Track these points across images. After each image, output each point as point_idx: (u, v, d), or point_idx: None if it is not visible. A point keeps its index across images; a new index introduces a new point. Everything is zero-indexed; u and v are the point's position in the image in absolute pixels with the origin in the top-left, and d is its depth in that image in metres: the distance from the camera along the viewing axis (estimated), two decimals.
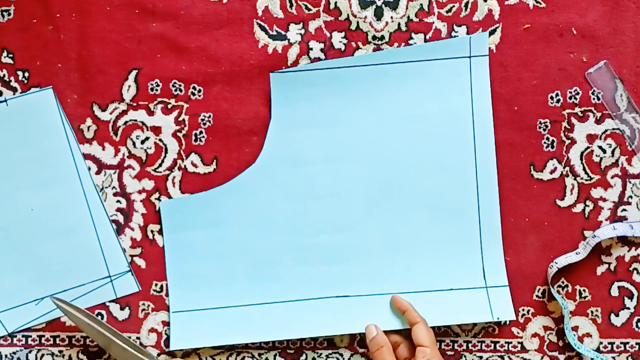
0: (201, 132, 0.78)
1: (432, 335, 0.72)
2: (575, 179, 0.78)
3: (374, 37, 0.78)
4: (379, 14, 0.78)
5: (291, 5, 0.78)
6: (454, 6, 0.78)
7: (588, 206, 0.78)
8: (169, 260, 0.77)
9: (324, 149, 0.77)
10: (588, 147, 0.78)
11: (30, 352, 0.78)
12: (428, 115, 0.76)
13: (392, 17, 0.78)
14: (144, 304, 0.79)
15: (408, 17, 0.78)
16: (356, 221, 0.77)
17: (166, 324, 0.78)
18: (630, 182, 0.78)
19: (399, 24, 0.78)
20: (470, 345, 0.78)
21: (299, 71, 0.77)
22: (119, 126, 0.78)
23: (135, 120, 0.78)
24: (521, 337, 0.78)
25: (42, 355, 0.78)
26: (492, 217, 0.76)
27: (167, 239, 0.77)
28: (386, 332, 0.74)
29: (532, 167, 0.78)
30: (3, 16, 0.78)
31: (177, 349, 0.77)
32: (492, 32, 0.78)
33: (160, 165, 0.79)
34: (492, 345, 0.78)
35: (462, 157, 0.76)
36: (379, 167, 0.77)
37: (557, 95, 0.78)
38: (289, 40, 0.78)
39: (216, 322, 0.76)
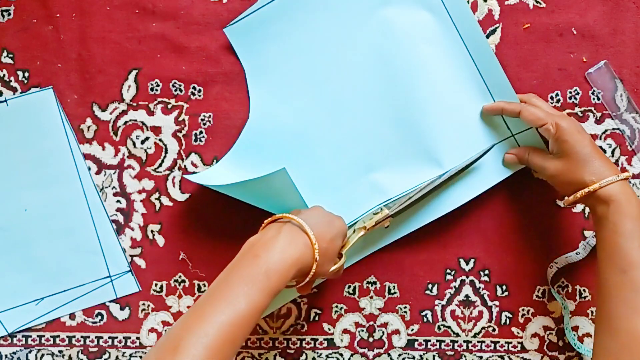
0: (201, 132, 0.78)
1: (544, 105, 0.73)
2: None
3: None
4: None
5: None
6: None
7: None
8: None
9: (305, 77, 0.76)
10: None
11: (30, 352, 0.78)
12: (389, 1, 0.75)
13: None
14: (144, 304, 0.79)
15: None
16: (366, 128, 0.76)
17: (166, 324, 0.78)
18: (630, 182, 0.78)
19: None
20: (470, 345, 0.78)
21: (250, 14, 0.75)
22: (119, 126, 0.79)
23: (135, 120, 0.79)
24: (521, 337, 0.78)
25: (42, 355, 0.78)
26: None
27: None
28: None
29: None
30: (3, 16, 0.78)
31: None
32: (492, 32, 0.78)
33: (160, 165, 0.79)
34: (492, 345, 0.78)
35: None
36: (364, 70, 0.75)
37: (557, 95, 0.78)
38: None
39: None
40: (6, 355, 0.78)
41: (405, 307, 0.79)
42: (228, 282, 0.59)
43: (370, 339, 0.79)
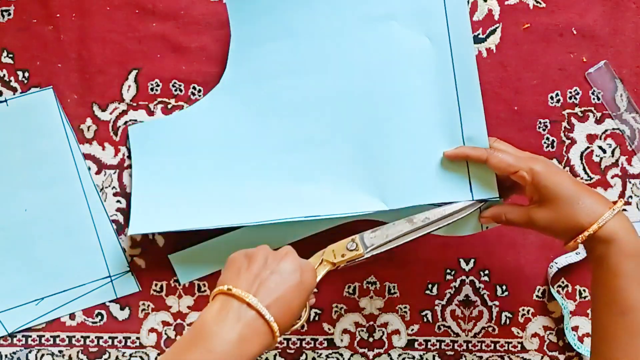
0: None
1: (511, 148, 0.67)
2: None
3: None
4: None
5: None
6: None
7: None
8: (135, 184, 0.76)
9: (286, 61, 0.73)
10: (588, 147, 0.78)
11: (30, 352, 0.78)
12: (396, 16, 0.69)
13: None
14: (144, 304, 0.79)
15: None
16: (324, 136, 0.72)
17: (166, 324, 0.78)
18: (630, 182, 0.78)
19: None
20: (470, 345, 0.78)
21: None
22: (119, 126, 0.78)
23: (136, 120, 0.78)
24: (521, 337, 0.78)
25: (42, 355, 0.78)
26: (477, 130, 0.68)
27: (135, 164, 0.76)
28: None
29: None
30: (3, 16, 0.78)
31: (135, 234, 0.75)
32: (492, 32, 0.78)
33: None
34: (492, 345, 0.78)
35: (434, 57, 0.68)
36: (345, 76, 0.71)
37: (557, 95, 0.78)
38: None
39: (178, 210, 0.74)
40: (6, 355, 0.78)
41: (405, 307, 0.79)
42: None
43: (370, 339, 0.79)
